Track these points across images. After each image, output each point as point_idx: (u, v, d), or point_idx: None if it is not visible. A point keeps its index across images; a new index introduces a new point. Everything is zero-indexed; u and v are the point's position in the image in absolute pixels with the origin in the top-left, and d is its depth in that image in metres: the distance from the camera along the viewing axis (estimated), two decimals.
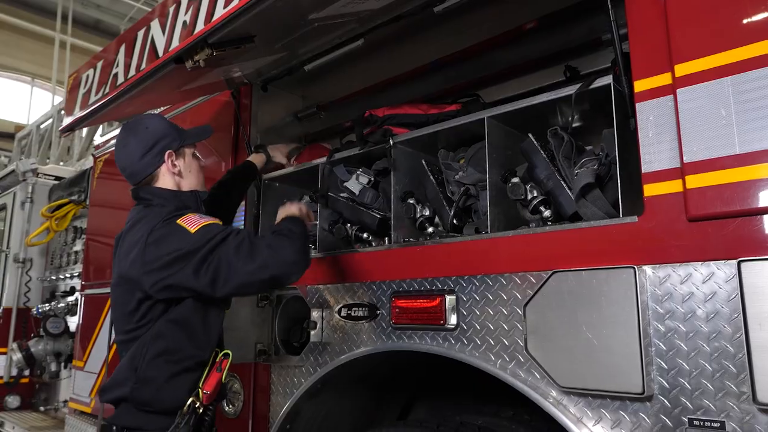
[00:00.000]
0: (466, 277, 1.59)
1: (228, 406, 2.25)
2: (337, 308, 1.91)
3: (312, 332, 1.95)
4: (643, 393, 1.16)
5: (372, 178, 2.06)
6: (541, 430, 1.79)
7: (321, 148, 2.47)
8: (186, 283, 1.57)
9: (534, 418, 1.84)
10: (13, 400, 4.70)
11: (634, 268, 1.22)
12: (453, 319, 1.59)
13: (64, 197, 4.60)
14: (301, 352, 2.00)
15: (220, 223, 1.68)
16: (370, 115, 2.00)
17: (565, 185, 1.54)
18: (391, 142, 1.91)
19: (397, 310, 1.73)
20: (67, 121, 3.20)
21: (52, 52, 10.57)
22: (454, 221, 1.80)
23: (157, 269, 1.57)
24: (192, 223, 1.64)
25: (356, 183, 2.05)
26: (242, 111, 2.50)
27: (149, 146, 1.76)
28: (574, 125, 1.69)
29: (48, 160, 6.02)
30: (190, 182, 1.84)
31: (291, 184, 2.45)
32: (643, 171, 1.27)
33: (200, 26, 1.83)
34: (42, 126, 6.61)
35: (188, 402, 1.62)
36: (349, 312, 1.87)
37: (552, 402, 1.34)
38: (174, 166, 1.79)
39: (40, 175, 5.04)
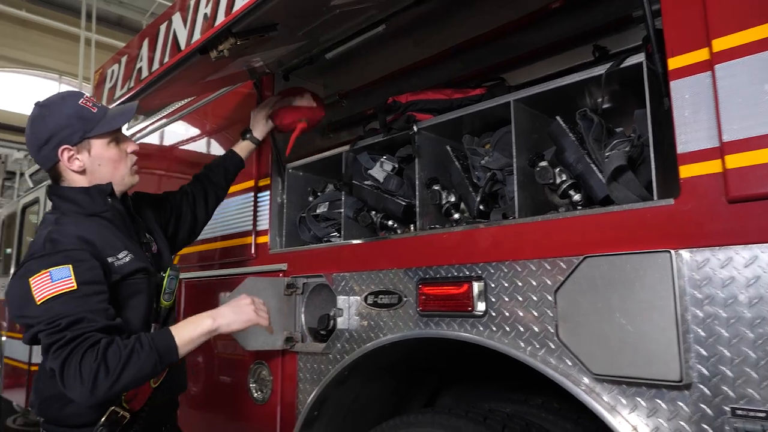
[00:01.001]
0: (493, 264, 1.56)
1: (256, 392, 2.27)
2: (363, 296, 1.90)
3: (338, 320, 1.95)
4: (681, 381, 1.13)
5: (396, 165, 2.03)
6: (571, 418, 1.77)
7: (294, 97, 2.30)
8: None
9: (564, 406, 1.81)
10: None
11: (670, 252, 1.17)
12: (481, 306, 1.56)
13: None
14: (327, 339, 2.00)
15: (74, 286, 1.38)
16: (393, 101, 1.97)
17: (595, 168, 1.50)
18: (414, 128, 1.88)
19: (423, 297, 1.71)
20: None
21: (78, 49, 10.72)
22: (481, 207, 1.77)
23: (20, 325, 1.50)
24: (41, 289, 1.37)
25: (380, 170, 2.03)
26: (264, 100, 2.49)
27: (44, 140, 1.56)
28: (603, 107, 1.64)
29: None
30: (103, 176, 1.61)
31: (314, 173, 2.44)
32: (678, 152, 1.22)
33: (221, 17, 1.83)
34: None
35: (107, 413, 1.49)
36: (375, 299, 1.86)
37: (584, 389, 1.31)
38: (72, 162, 1.57)
39: None
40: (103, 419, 1.49)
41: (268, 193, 2.41)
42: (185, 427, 1.97)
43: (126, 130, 5.57)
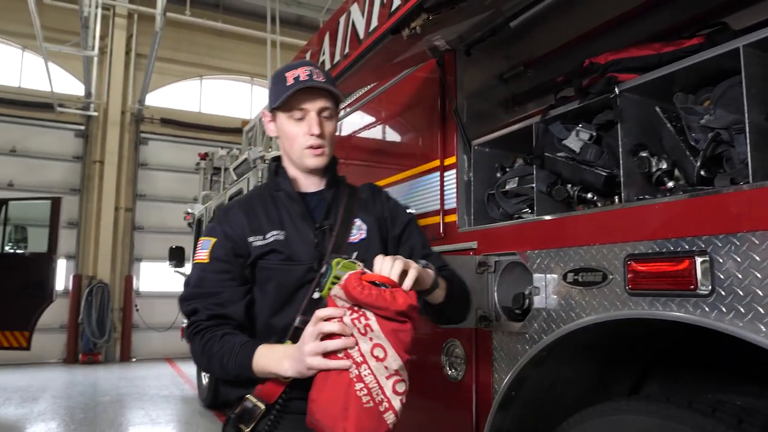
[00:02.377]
0: (721, 236, 1.37)
1: (450, 370, 2.30)
2: (561, 273, 1.80)
3: (535, 298, 1.87)
4: None
5: (594, 134, 1.88)
6: None
7: None
8: None
9: None
10: None
11: None
12: (706, 284, 1.38)
13: None
14: (523, 319, 1.94)
15: (206, 260, 1.54)
16: (590, 63, 1.82)
17: None
18: (616, 90, 1.72)
19: (633, 274, 1.57)
20: None
21: (265, 51, 11.78)
22: (702, 173, 1.56)
23: None
24: (198, 250, 1.58)
25: (576, 140, 1.89)
26: (447, 78, 2.48)
27: None
28: None
29: (270, 149, 6.75)
30: (284, 148, 1.65)
31: (501, 149, 2.38)
32: None
33: (397, 2, 1.85)
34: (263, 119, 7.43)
35: (241, 399, 1.48)
36: (576, 277, 1.75)
37: None
38: (268, 126, 1.68)
39: (266, 161, 5.69)
40: (237, 408, 1.49)
41: (454, 171, 2.41)
42: None
43: None
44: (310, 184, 1.67)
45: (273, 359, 1.39)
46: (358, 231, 1.63)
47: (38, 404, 7.26)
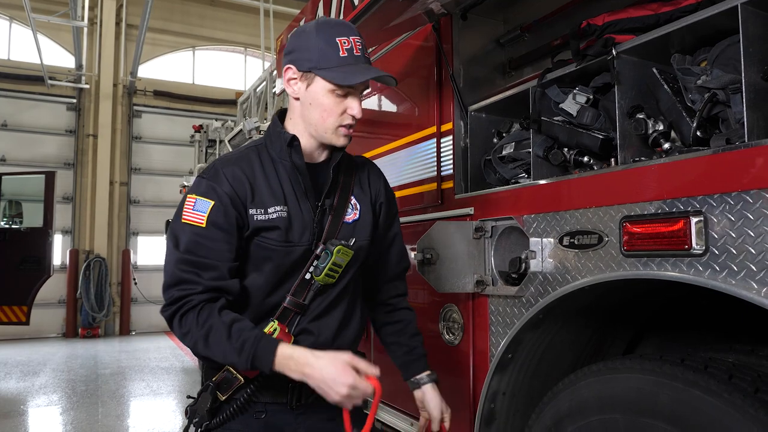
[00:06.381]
0: (716, 196, 1.38)
1: (448, 334, 2.33)
2: (558, 237, 1.81)
3: (531, 262, 1.89)
4: None
5: (591, 96, 1.87)
6: None
7: None
8: None
9: None
10: None
11: None
12: (700, 244, 1.40)
13: None
14: (520, 282, 1.96)
15: (203, 224, 1.39)
16: (587, 25, 1.80)
17: None
18: (613, 52, 1.71)
19: (629, 236, 1.58)
20: (279, 81, 3.49)
21: (258, 21, 11.57)
22: (698, 133, 1.56)
23: None
24: (186, 209, 1.42)
25: (573, 103, 1.89)
26: (443, 43, 2.45)
27: (287, 51, 1.48)
28: None
29: (266, 120, 6.70)
30: (310, 116, 1.48)
31: (498, 114, 2.36)
32: None
33: None
34: (257, 89, 7.36)
35: (222, 370, 1.47)
36: (572, 240, 1.77)
37: None
38: (290, 84, 1.48)
39: (261, 132, 5.66)
40: (216, 377, 1.48)
41: (450, 138, 2.40)
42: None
43: None
44: (319, 155, 1.57)
45: (294, 369, 1.32)
46: (353, 210, 1.60)
47: (39, 378, 7.34)
